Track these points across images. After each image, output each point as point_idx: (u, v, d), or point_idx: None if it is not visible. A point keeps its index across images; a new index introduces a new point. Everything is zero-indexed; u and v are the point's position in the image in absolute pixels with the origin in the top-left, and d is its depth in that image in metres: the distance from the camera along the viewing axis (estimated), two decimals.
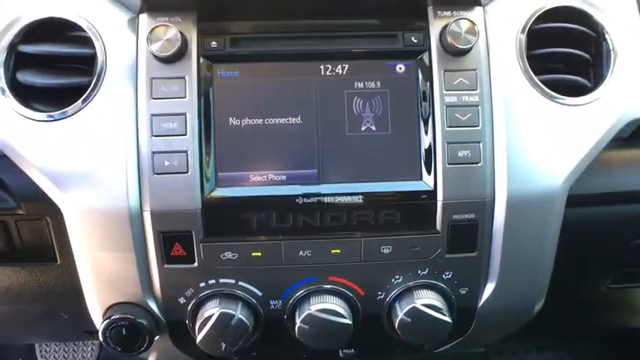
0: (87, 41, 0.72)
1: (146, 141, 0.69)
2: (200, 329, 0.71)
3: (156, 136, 0.69)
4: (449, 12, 0.72)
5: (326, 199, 0.70)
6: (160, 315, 0.74)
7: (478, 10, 0.73)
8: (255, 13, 0.72)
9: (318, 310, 0.70)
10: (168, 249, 0.71)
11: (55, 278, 0.83)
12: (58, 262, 0.81)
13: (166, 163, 0.69)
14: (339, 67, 0.72)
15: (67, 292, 0.83)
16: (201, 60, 0.70)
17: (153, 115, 0.69)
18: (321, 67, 0.72)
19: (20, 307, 0.90)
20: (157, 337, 0.75)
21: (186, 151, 0.69)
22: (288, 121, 0.71)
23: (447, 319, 0.71)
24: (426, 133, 0.70)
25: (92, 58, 0.71)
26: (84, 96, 0.70)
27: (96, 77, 0.71)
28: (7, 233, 0.80)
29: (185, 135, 0.69)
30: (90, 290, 0.75)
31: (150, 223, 0.70)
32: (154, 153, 0.69)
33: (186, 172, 0.69)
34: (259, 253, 0.71)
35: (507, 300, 0.75)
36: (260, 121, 0.71)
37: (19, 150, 0.71)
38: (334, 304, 0.71)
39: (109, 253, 0.72)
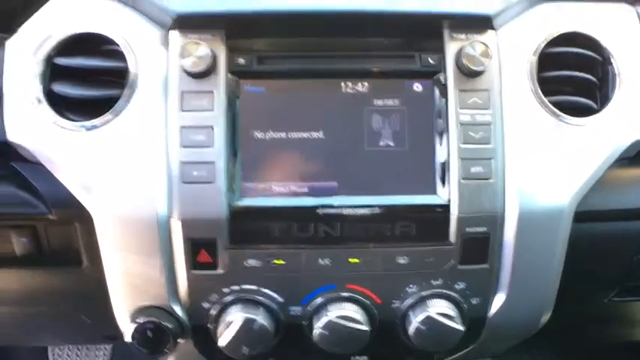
0: (119, 55, 0.76)
1: (175, 151, 0.73)
2: (223, 333, 0.74)
3: (185, 147, 0.72)
4: (463, 35, 0.76)
5: (345, 211, 0.73)
6: (184, 319, 0.77)
7: (491, 33, 0.77)
8: (280, 32, 0.76)
9: (338, 317, 0.74)
10: (195, 255, 0.74)
11: (79, 281, 0.86)
12: (84, 265, 0.84)
13: (194, 173, 0.72)
14: (359, 84, 0.76)
15: (90, 295, 0.86)
16: (229, 76, 0.74)
17: (182, 126, 0.73)
18: (342, 84, 0.76)
19: (42, 309, 0.92)
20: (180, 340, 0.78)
21: (213, 162, 0.72)
22: (310, 135, 0.75)
23: (460, 327, 0.74)
24: (442, 149, 0.74)
25: (124, 71, 0.75)
26: (116, 107, 0.74)
27: (127, 89, 0.74)
28: (36, 237, 0.83)
29: (213, 147, 0.72)
30: (117, 294, 0.78)
31: (177, 230, 0.73)
32: (182, 163, 0.72)
33: (213, 182, 0.72)
34: (281, 261, 0.74)
35: (516, 310, 0.79)
36: (283, 134, 0.74)
37: (52, 158, 0.75)
38: (353, 311, 0.74)
39: (137, 258, 0.75)
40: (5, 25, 0.60)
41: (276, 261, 0.74)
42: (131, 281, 0.76)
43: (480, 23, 0.77)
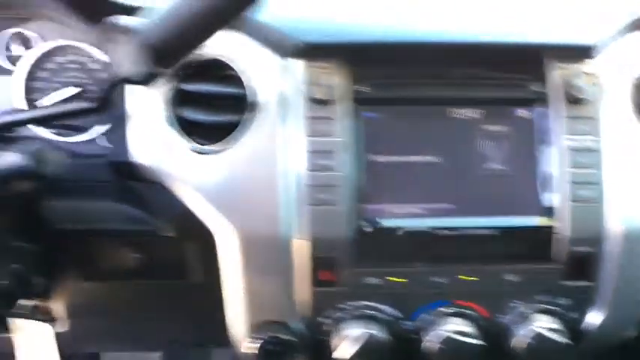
0: (240, 81, 0.79)
1: (302, 175, 0.76)
2: (340, 348, 0.78)
3: (311, 170, 0.76)
4: (565, 63, 0.81)
5: (461, 232, 0.78)
6: (302, 333, 0.81)
7: (590, 61, 0.82)
8: (396, 61, 0.80)
9: (455, 332, 0.78)
10: (317, 273, 0.78)
11: (185, 294, 0.90)
12: (193, 279, 0.88)
13: (320, 195, 0.76)
14: (469, 111, 0.80)
15: (197, 307, 0.90)
16: (350, 102, 0.78)
17: (308, 151, 0.77)
18: (453, 110, 0.80)
19: (143, 320, 0.96)
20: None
21: (338, 185, 0.76)
22: (424, 159, 0.79)
23: (566, 341, 0.79)
24: (550, 173, 0.79)
25: (245, 97, 0.79)
26: (238, 131, 0.78)
27: (248, 114, 0.78)
28: (149, 253, 0.87)
29: (337, 171, 0.76)
30: (234, 308, 0.81)
31: (301, 249, 0.77)
32: (308, 186, 0.76)
33: (338, 204, 0.76)
34: (399, 279, 0.79)
35: (613, 324, 0.83)
36: (400, 158, 0.79)
37: (177, 178, 0.78)
38: (466, 326, 0.79)
39: (259, 275, 0.79)
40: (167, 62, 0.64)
41: (394, 279, 0.79)
42: (251, 297, 0.80)
43: (581, 53, 0.81)
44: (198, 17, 0.58)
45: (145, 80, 0.61)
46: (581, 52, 0.82)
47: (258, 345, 0.79)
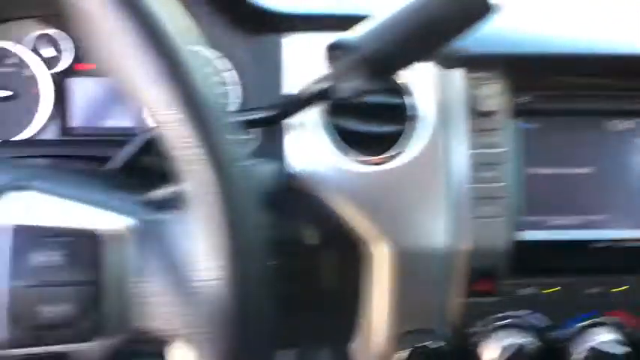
0: (399, 91, 0.78)
1: (462, 186, 0.76)
2: (489, 357, 0.79)
3: (475, 183, 0.76)
4: None
5: (615, 244, 0.79)
6: (450, 342, 0.81)
7: None
8: (553, 72, 0.79)
9: (601, 342, 0.79)
10: (473, 284, 0.78)
11: (318, 300, 0.90)
12: (326, 287, 0.88)
13: (484, 208, 0.76)
14: (623, 122, 0.80)
15: (330, 313, 0.90)
16: (510, 114, 0.77)
17: (472, 164, 0.76)
18: (608, 122, 0.80)
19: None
20: None
21: (502, 198, 0.76)
22: (580, 170, 0.79)
23: None
24: None
25: (404, 108, 0.78)
26: (399, 143, 0.77)
27: (409, 126, 0.77)
28: (285, 259, 0.86)
29: (497, 182, 0.76)
30: (381, 318, 0.82)
31: (460, 261, 0.77)
32: (472, 199, 0.76)
33: (498, 216, 0.76)
34: (552, 290, 0.79)
35: None
36: (557, 170, 0.79)
37: (334, 188, 0.77)
38: (614, 336, 0.80)
39: (411, 285, 0.79)
40: None
41: (547, 290, 0.79)
42: (401, 306, 0.80)
43: None
44: (424, 31, 0.55)
45: (354, 95, 0.59)
46: None
47: (407, 353, 0.80)
